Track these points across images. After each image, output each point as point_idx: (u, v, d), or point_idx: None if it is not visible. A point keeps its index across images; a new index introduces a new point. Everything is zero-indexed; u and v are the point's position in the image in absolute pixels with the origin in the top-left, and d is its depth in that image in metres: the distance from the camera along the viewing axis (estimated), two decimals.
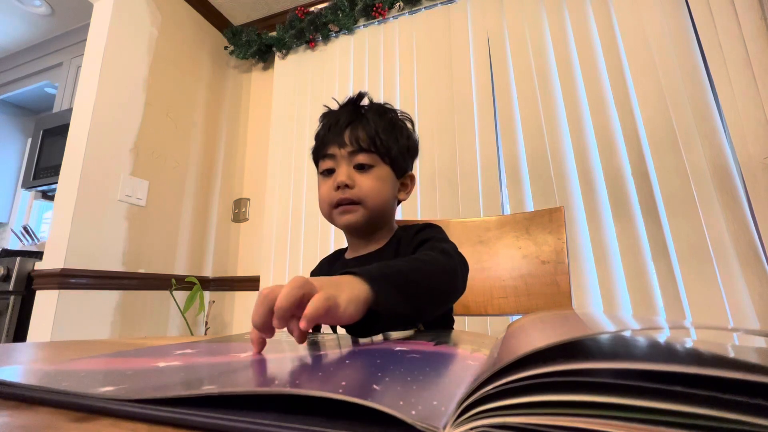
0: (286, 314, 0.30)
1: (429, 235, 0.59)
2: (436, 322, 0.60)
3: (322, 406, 0.16)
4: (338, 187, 0.58)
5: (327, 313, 0.31)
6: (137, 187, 1.52)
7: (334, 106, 0.66)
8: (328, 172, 0.61)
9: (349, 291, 0.34)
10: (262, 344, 0.32)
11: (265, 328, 0.31)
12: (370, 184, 0.58)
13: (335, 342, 0.38)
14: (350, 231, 0.64)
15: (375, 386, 0.18)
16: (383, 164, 0.60)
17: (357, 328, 0.37)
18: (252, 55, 1.98)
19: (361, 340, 0.37)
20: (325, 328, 0.59)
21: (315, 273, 0.71)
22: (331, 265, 0.70)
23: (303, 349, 0.33)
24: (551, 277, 0.78)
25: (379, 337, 0.39)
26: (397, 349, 0.30)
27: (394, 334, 0.42)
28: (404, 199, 0.66)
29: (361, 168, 0.59)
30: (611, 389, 0.12)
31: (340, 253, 0.72)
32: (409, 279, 0.41)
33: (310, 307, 0.30)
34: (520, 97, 1.44)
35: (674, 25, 1.26)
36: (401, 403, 0.15)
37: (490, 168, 1.43)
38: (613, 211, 1.24)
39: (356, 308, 0.34)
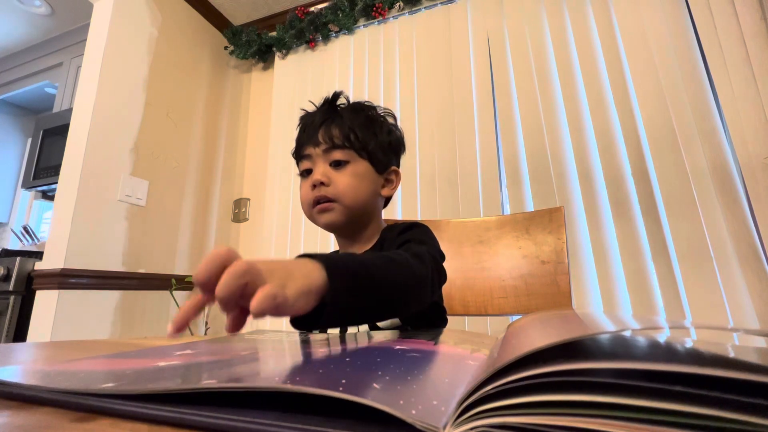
0: (228, 304, 0.27)
1: (411, 236, 0.58)
2: (428, 322, 0.58)
3: (322, 404, 0.16)
4: (314, 186, 0.57)
5: (275, 310, 0.28)
6: (137, 187, 1.52)
7: (312, 109, 0.66)
8: (306, 173, 0.60)
9: (302, 281, 0.31)
10: (195, 309, 0.28)
11: (207, 287, 0.27)
12: (346, 180, 0.58)
13: (334, 341, 0.38)
14: (332, 231, 0.63)
15: (375, 385, 0.18)
16: (360, 160, 0.59)
17: (300, 320, 0.34)
18: (252, 55, 1.98)
19: (361, 340, 0.37)
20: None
21: None
22: None
23: (303, 348, 0.33)
24: (551, 277, 0.78)
25: (377, 336, 0.39)
26: (397, 348, 0.30)
27: (390, 333, 0.42)
28: (389, 195, 0.65)
29: (337, 165, 0.58)
30: (611, 389, 0.12)
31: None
32: (372, 275, 0.38)
33: (257, 305, 0.26)
34: (520, 97, 1.44)
35: (674, 25, 1.27)
36: (401, 402, 0.15)
37: (490, 168, 1.43)
38: (613, 211, 1.24)
39: (306, 301, 0.31)
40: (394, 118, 0.66)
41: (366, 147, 0.59)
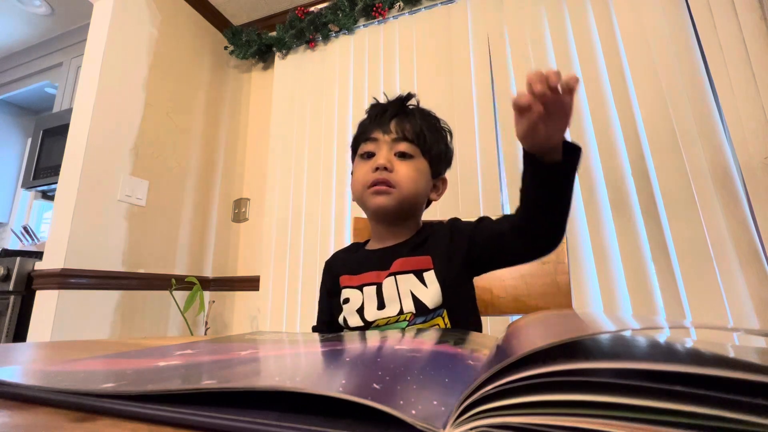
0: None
1: (470, 221, 0.62)
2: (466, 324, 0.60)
3: (322, 404, 0.16)
4: (376, 169, 0.58)
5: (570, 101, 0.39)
6: (137, 187, 1.52)
7: (381, 100, 0.69)
8: (367, 155, 0.61)
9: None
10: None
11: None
12: (408, 171, 0.59)
13: (336, 340, 0.38)
14: (379, 215, 0.63)
15: (375, 385, 0.18)
16: (423, 158, 0.61)
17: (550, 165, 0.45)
18: (252, 55, 1.98)
19: (360, 340, 0.37)
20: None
21: (330, 264, 0.69)
22: (350, 255, 0.69)
23: (303, 347, 0.33)
24: (551, 277, 0.78)
25: (378, 336, 0.39)
26: (397, 348, 0.30)
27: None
28: (435, 200, 0.68)
29: (401, 156, 0.60)
30: (612, 389, 0.12)
31: (358, 245, 0.70)
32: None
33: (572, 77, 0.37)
34: None
35: (674, 25, 1.26)
36: (401, 402, 0.15)
37: (490, 168, 1.43)
38: (613, 212, 1.24)
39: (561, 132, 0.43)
40: (451, 135, 0.69)
41: (430, 149, 0.62)
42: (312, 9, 1.85)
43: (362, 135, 0.64)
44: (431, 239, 0.62)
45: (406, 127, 0.60)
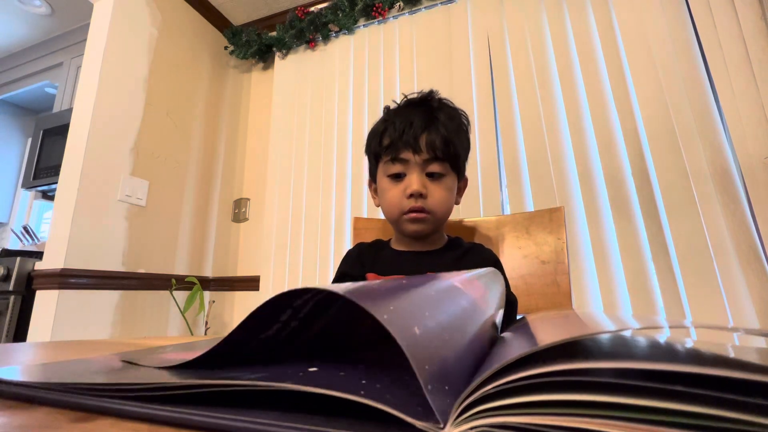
0: None
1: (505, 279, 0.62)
2: None
3: (322, 403, 0.16)
4: (411, 195, 0.58)
5: None
6: (137, 187, 1.52)
7: (396, 98, 0.66)
8: (397, 177, 0.60)
9: None
10: None
11: None
12: (441, 194, 0.59)
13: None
14: (414, 238, 0.63)
15: (376, 384, 0.18)
16: (452, 173, 0.61)
17: None
18: (252, 55, 1.98)
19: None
20: None
21: (357, 255, 0.67)
22: (376, 252, 0.67)
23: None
24: (551, 277, 0.78)
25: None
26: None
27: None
28: (458, 204, 0.66)
29: (431, 176, 0.59)
30: (612, 389, 0.12)
31: (383, 243, 0.69)
32: None
33: None
34: (520, 97, 1.43)
35: (674, 25, 1.26)
36: (402, 401, 0.15)
37: (490, 168, 1.43)
38: (613, 211, 1.24)
39: None
40: (469, 122, 0.65)
41: (458, 160, 0.61)
42: (312, 9, 1.85)
43: (389, 151, 0.60)
44: (466, 261, 0.62)
45: (436, 143, 0.57)
